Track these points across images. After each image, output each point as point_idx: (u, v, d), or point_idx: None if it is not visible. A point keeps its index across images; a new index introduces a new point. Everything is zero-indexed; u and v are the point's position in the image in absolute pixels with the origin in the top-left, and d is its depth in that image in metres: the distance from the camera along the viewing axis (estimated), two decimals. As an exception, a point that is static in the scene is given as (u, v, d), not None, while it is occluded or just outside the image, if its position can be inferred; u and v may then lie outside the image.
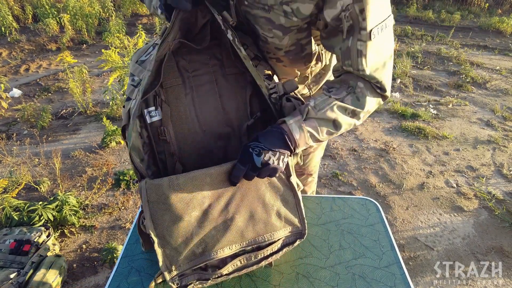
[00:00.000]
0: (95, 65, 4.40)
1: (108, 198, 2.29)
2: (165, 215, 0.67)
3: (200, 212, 0.68)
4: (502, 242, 2.03)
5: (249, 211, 0.72)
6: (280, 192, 0.75)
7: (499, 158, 2.83)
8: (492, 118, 3.47)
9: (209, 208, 0.69)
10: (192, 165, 0.83)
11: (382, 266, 0.84)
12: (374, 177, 2.56)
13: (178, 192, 0.67)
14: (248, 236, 0.72)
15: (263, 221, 0.73)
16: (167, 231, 0.68)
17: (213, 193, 0.69)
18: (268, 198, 0.74)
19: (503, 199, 2.37)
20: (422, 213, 2.24)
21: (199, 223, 0.68)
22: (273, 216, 0.74)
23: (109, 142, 2.79)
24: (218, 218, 0.70)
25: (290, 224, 0.77)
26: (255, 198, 0.73)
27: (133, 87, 0.76)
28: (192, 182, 0.67)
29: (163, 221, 0.68)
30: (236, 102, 0.83)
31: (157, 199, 0.67)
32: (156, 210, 0.68)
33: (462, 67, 4.71)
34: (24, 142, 2.89)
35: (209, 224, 0.69)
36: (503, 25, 6.44)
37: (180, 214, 0.67)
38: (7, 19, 5.08)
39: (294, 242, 0.78)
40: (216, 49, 0.82)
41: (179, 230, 0.67)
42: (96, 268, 1.82)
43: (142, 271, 0.84)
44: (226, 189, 0.70)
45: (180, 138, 0.80)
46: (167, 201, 0.67)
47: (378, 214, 1.01)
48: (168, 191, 0.67)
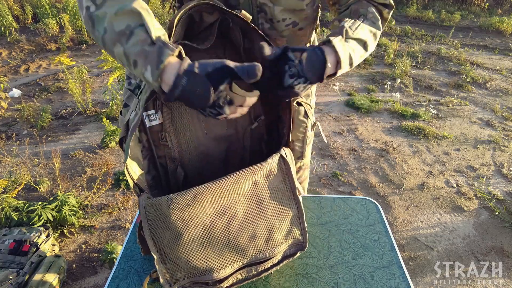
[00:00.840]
0: (94, 65, 4.40)
1: (107, 198, 2.29)
2: (165, 233, 0.64)
3: (202, 230, 0.65)
4: (502, 242, 2.02)
5: (252, 230, 0.69)
6: (283, 205, 0.73)
7: (499, 158, 2.83)
8: (492, 118, 3.47)
9: (211, 226, 0.66)
10: (193, 169, 0.82)
11: (382, 266, 0.84)
12: (374, 177, 2.55)
13: (177, 212, 0.63)
14: (250, 253, 0.70)
15: (265, 238, 0.71)
16: (167, 248, 0.65)
17: (214, 210, 0.65)
18: (271, 213, 0.71)
19: (503, 199, 2.36)
20: (422, 213, 2.24)
21: (200, 240, 0.66)
22: (275, 232, 0.72)
23: (109, 142, 2.78)
24: (220, 237, 0.67)
25: (291, 237, 0.75)
26: (258, 215, 0.69)
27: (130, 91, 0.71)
28: (193, 200, 0.63)
29: (163, 238, 0.65)
30: None
31: (156, 217, 0.64)
32: (155, 228, 0.64)
33: (462, 67, 4.71)
34: (23, 142, 2.88)
35: (211, 243, 0.66)
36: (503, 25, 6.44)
37: (180, 232, 0.64)
38: (7, 19, 5.08)
39: (294, 254, 0.77)
40: (219, 49, 0.79)
41: (180, 247, 0.65)
42: (96, 268, 1.82)
43: (141, 271, 0.84)
44: (228, 206, 0.66)
45: (182, 143, 0.78)
46: (166, 220, 0.63)
47: (378, 214, 1.01)
48: (167, 211, 0.63)
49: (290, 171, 0.73)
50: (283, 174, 0.73)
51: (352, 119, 3.40)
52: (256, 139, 0.86)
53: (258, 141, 0.87)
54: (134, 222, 0.98)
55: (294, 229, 0.75)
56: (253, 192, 0.69)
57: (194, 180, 0.84)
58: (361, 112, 3.53)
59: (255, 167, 0.68)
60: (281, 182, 0.73)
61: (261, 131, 0.85)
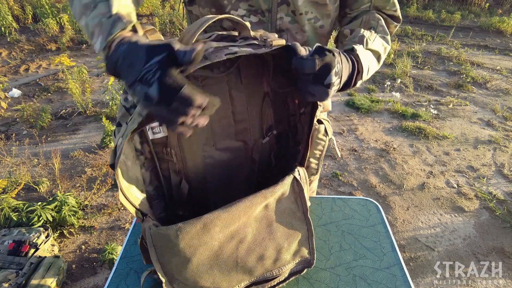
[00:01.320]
0: (94, 65, 4.39)
1: (107, 199, 2.28)
2: (173, 258, 0.63)
3: (210, 253, 0.64)
4: (503, 243, 2.02)
5: (260, 251, 0.68)
6: (294, 227, 0.71)
7: (500, 158, 2.82)
8: (493, 118, 3.46)
9: (220, 250, 0.64)
10: (198, 182, 0.80)
11: (383, 267, 0.83)
12: (375, 178, 2.55)
13: (186, 240, 0.61)
14: (257, 273, 0.69)
15: (273, 258, 0.70)
16: (175, 271, 0.64)
17: (224, 235, 0.64)
18: (280, 235, 0.69)
19: (504, 199, 2.36)
20: (423, 214, 2.23)
21: (209, 263, 0.64)
22: (283, 252, 0.71)
23: (109, 142, 2.78)
24: (228, 259, 0.65)
25: (299, 256, 0.74)
26: (267, 237, 0.68)
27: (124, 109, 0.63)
28: (202, 229, 0.61)
29: (171, 263, 0.63)
30: (250, 115, 0.78)
31: (164, 245, 0.62)
32: (163, 254, 0.63)
33: (463, 67, 4.70)
34: (23, 142, 2.88)
35: (219, 264, 0.65)
36: (503, 25, 6.43)
37: (189, 258, 0.62)
38: (7, 19, 5.07)
39: (301, 271, 0.76)
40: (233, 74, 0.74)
41: (188, 270, 0.63)
42: (95, 269, 1.81)
43: (141, 272, 0.83)
44: (237, 230, 0.65)
45: (187, 156, 0.76)
46: (175, 249, 0.61)
47: (379, 215, 1.00)
48: (175, 240, 0.60)
49: (303, 193, 0.71)
50: (295, 195, 0.71)
51: (352, 119, 3.40)
52: (266, 151, 0.85)
53: (267, 153, 0.85)
54: (134, 223, 0.98)
55: (302, 249, 0.73)
56: (264, 215, 0.67)
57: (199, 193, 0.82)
58: (361, 112, 3.52)
59: (267, 191, 0.66)
60: (292, 203, 0.71)
61: (271, 143, 0.82)
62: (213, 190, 0.84)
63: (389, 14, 0.79)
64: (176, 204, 0.79)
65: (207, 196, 0.84)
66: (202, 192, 0.83)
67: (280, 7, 0.79)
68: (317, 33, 0.86)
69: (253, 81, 0.76)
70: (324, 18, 0.84)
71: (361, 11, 0.80)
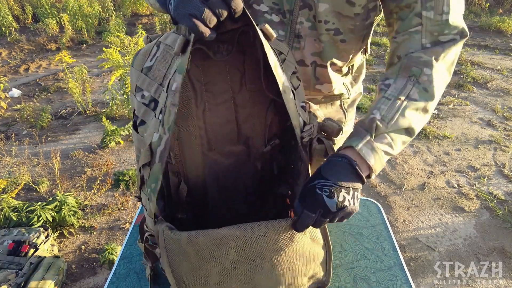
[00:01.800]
0: (94, 65, 4.39)
1: (107, 199, 2.28)
2: (183, 262, 0.61)
3: (221, 270, 0.60)
4: (504, 243, 2.01)
5: (276, 279, 0.64)
6: (314, 255, 0.65)
7: (501, 158, 2.82)
8: (493, 118, 3.46)
9: (232, 270, 0.61)
10: (198, 185, 0.79)
11: (384, 268, 0.83)
12: (375, 177, 2.54)
13: (197, 251, 0.58)
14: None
15: (288, 283, 0.66)
16: (185, 275, 0.62)
17: (238, 258, 0.59)
18: (300, 265, 0.64)
19: (504, 199, 2.36)
20: (423, 214, 2.23)
21: (219, 278, 0.61)
22: (299, 278, 0.66)
23: (109, 142, 2.78)
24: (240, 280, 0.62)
25: (315, 279, 0.70)
26: (286, 267, 0.62)
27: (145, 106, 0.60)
28: (215, 243, 0.58)
29: (181, 267, 0.61)
30: (253, 121, 0.76)
31: (175, 249, 0.60)
32: (173, 258, 0.61)
33: (463, 66, 4.69)
34: (23, 142, 2.88)
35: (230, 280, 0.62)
36: (503, 25, 6.42)
37: (198, 266, 0.60)
38: (7, 19, 5.07)
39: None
40: (238, 59, 0.71)
41: (197, 276, 0.62)
42: (95, 269, 1.81)
43: (140, 273, 0.83)
44: (254, 259, 0.59)
45: (187, 159, 0.75)
46: (185, 255, 0.59)
47: (380, 215, 1.00)
48: (186, 247, 0.58)
49: None
50: None
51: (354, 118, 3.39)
52: (268, 159, 0.83)
53: (270, 163, 0.83)
54: (133, 224, 0.98)
55: (319, 272, 0.70)
56: (285, 249, 0.61)
57: (198, 194, 0.81)
58: (361, 112, 3.52)
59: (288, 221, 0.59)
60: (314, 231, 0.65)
61: (275, 152, 0.81)
62: (213, 194, 0.83)
63: (448, 39, 0.63)
64: (175, 205, 0.79)
65: (206, 200, 0.83)
66: (201, 196, 0.82)
67: (301, 10, 0.74)
68: (337, 47, 0.79)
69: (258, 87, 0.74)
70: (347, 33, 0.76)
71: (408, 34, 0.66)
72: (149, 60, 0.61)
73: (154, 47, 0.62)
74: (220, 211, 0.73)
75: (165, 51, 0.59)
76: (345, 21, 0.74)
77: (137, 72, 0.62)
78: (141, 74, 0.61)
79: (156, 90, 0.59)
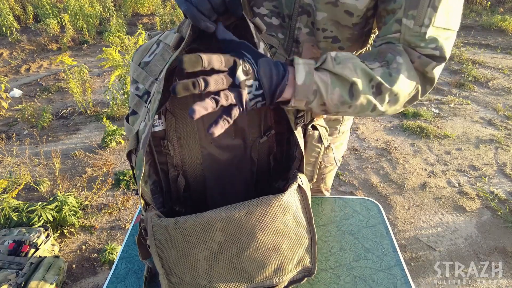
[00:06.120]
0: (95, 65, 4.40)
1: (108, 199, 2.28)
2: (171, 250, 0.63)
3: (209, 254, 0.63)
4: (505, 243, 2.01)
5: (262, 261, 0.66)
6: (299, 237, 0.68)
7: (502, 157, 2.81)
8: (495, 117, 3.45)
9: (219, 253, 0.63)
10: (196, 177, 0.80)
11: (384, 268, 0.82)
12: (375, 177, 2.54)
13: (185, 236, 0.60)
14: (256, 280, 0.68)
15: (274, 267, 0.68)
16: (173, 264, 0.64)
17: (224, 239, 0.61)
18: (285, 246, 0.66)
19: (506, 199, 2.35)
20: (424, 213, 2.22)
21: (207, 262, 0.63)
22: (285, 262, 0.69)
23: (109, 142, 2.78)
24: (228, 263, 0.64)
25: (301, 265, 0.72)
26: (271, 248, 0.64)
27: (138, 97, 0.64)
28: (201, 227, 0.60)
29: (169, 255, 0.63)
30: (249, 114, 0.77)
31: (163, 236, 0.62)
32: (162, 246, 0.63)
33: (464, 65, 4.68)
34: (24, 142, 2.88)
35: (218, 266, 0.64)
36: (505, 24, 6.40)
37: (186, 253, 0.62)
38: (8, 19, 5.08)
39: (302, 279, 0.74)
40: None
41: (185, 264, 0.63)
42: (96, 269, 1.81)
43: (139, 273, 0.83)
44: (239, 238, 0.61)
45: (185, 151, 0.76)
46: (173, 241, 0.61)
47: (380, 215, 0.99)
48: (174, 233, 0.60)
49: (307, 200, 0.69)
50: (301, 204, 0.68)
51: (353, 118, 3.39)
52: (265, 151, 0.83)
53: (266, 153, 0.84)
54: (133, 224, 0.98)
55: (305, 257, 0.72)
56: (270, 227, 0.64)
57: (197, 189, 0.82)
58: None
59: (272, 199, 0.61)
60: (297, 212, 0.67)
61: (270, 143, 0.81)
62: (211, 187, 0.84)
63: (426, 54, 0.60)
64: (174, 199, 0.79)
65: (205, 193, 0.84)
66: (200, 189, 0.83)
67: (300, 16, 0.74)
68: None
69: None
70: (345, 41, 0.76)
71: (386, 40, 0.63)
72: (147, 56, 0.65)
73: (155, 44, 0.66)
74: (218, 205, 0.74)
75: (164, 49, 0.62)
76: (343, 30, 0.74)
77: (135, 66, 0.65)
78: (138, 67, 0.65)
79: (151, 84, 0.62)
